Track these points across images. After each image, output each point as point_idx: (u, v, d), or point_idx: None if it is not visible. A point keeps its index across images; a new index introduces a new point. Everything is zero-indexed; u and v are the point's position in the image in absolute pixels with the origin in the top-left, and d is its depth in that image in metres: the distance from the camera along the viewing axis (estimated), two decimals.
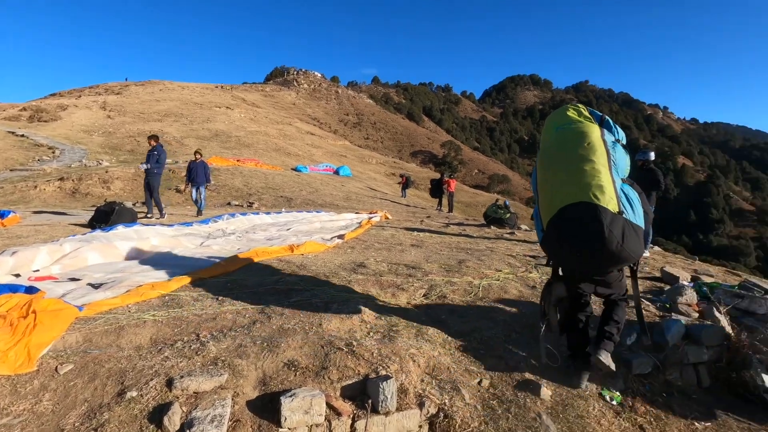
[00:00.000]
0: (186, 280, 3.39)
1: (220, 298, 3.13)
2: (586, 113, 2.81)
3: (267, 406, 2.03)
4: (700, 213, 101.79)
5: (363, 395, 2.23)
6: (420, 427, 2.19)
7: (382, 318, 3.02)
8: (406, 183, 23.48)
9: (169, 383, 2.03)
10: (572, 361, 2.69)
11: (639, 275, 3.06)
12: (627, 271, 2.77)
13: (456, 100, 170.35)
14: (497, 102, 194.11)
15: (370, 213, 10.75)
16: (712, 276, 5.01)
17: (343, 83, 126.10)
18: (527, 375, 2.62)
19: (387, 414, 2.13)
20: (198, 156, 10.22)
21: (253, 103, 65.40)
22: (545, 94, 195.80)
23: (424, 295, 3.57)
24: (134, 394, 1.95)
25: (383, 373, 2.32)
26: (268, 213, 9.06)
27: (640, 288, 3.93)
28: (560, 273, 2.70)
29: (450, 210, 17.98)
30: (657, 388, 2.70)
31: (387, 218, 10.37)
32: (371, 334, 2.76)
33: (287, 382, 2.17)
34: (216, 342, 2.40)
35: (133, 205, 12.00)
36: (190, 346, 2.34)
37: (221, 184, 16.68)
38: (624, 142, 2.77)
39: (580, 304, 2.72)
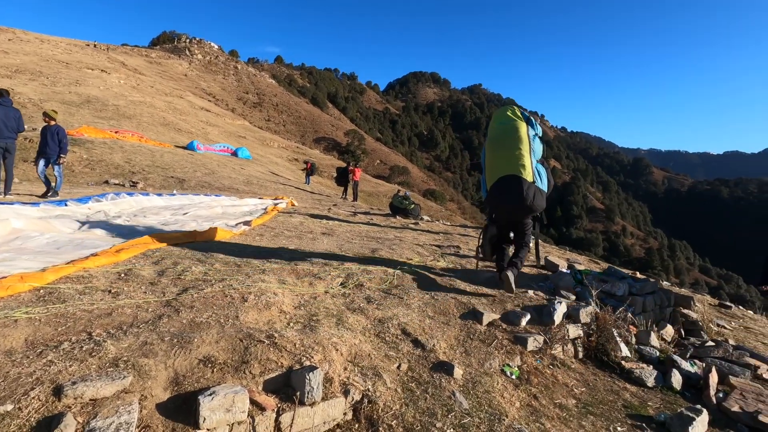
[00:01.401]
0: (66, 270, 2.89)
1: (113, 290, 2.74)
2: (519, 114, 3.96)
3: (181, 408, 1.86)
4: (564, 209, 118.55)
5: (287, 387, 2.17)
6: (345, 414, 2.21)
7: (302, 308, 2.96)
8: (310, 170, 23.05)
9: (58, 391, 1.72)
10: (498, 275, 3.97)
11: (526, 264, 4.59)
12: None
13: (361, 89, 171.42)
14: (400, 95, 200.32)
15: (276, 199, 10.34)
16: (581, 264, 5.90)
17: (242, 59, 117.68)
18: (441, 357, 2.80)
19: (312, 405, 2.11)
20: (47, 119, 7.82)
21: (135, 68, 57.60)
22: (444, 93, 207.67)
23: (341, 284, 3.57)
24: (9, 407, 1.62)
25: (307, 363, 2.28)
26: (159, 195, 8.14)
27: (529, 274, 4.48)
28: (493, 219, 4.05)
29: (354, 199, 18.18)
30: (546, 362, 3.11)
31: (293, 205, 10.09)
32: (292, 324, 2.68)
33: (204, 380, 2.01)
34: (115, 341, 2.11)
35: None
36: (82, 347, 2.02)
37: (96, 159, 14.51)
38: (540, 134, 3.97)
39: (505, 241, 4.02)
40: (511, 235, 4.06)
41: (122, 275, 3.06)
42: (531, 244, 4.21)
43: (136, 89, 41.05)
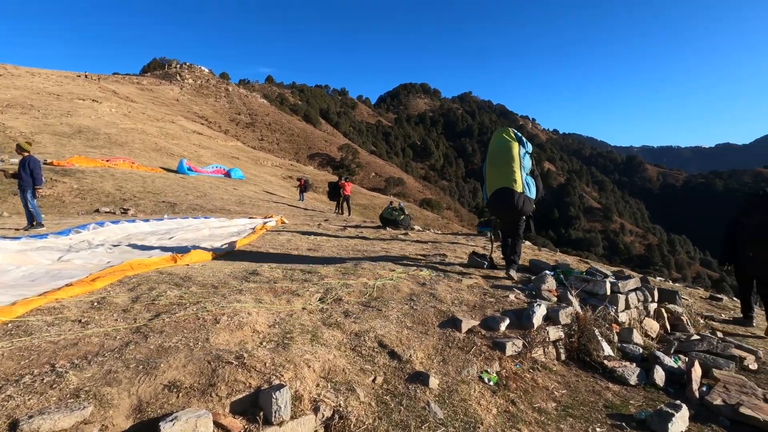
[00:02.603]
0: (38, 302, 2.87)
1: (83, 320, 2.72)
2: (513, 135, 4.79)
3: None
4: (561, 211, 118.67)
5: (254, 408, 2.15)
6: (315, 431, 2.19)
7: (276, 326, 2.94)
8: (304, 186, 23.12)
9: (13, 427, 1.70)
10: (504, 258, 5.03)
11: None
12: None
13: (352, 104, 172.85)
14: (392, 108, 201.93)
15: (265, 218, 10.35)
16: (568, 265, 5.89)
17: (233, 81, 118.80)
18: (418, 367, 2.79)
19: (281, 424, 2.08)
20: (20, 151, 7.80)
21: (126, 96, 58.08)
22: (435, 103, 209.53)
23: (319, 299, 3.56)
24: None
25: (276, 382, 2.27)
26: (146, 220, 8.13)
27: (517, 278, 4.51)
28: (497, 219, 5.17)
29: (348, 212, 18.20)
30: (526, 366, 3.09)
31: (283, 222, 10.09)
32: (264, 343, 2.66)
33: (168, 406, 1.99)
34: (77, 371, 2.09)
35: None
36: (43, 380, 2.00)
37: (87, 188, 14.52)
38: (530, 151, 4.85)
39: (506, 235, 4.94)
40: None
41: (95, 304, 3.05)
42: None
43: (128, 117, 41.33)
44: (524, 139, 4.79)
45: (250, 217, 10.36)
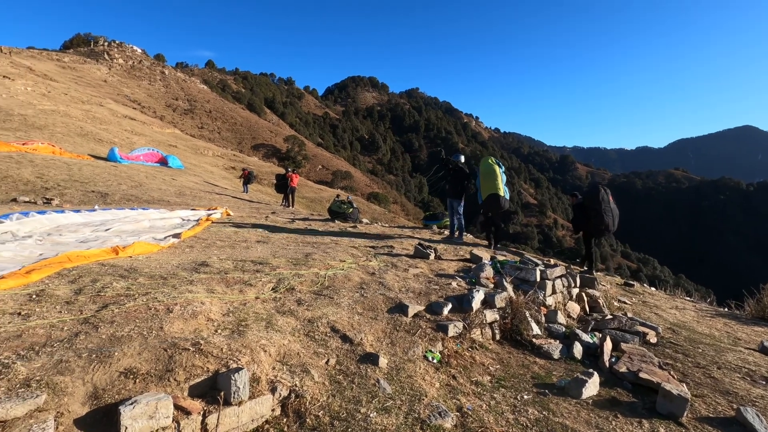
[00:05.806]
0: None
1: (23, 312, 2.62)
2: (494, 161, 7.40)
3: (102, 420, 1.88)
4: None
5: (213, 390, 2.24)
6: (273, 410, 2.32)
7: (230, 315, 3.01)
8: (248, 177, 22.44)
9: None
10: (487, 239, 7.90)
11: (455, 258, 5.74)
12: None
13: (299, 94, 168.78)
14: (339, 100, 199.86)
15: (209, 209, 10.03)
16: (504, 256, 6.39)
17: (170, 63, 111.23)
18: (368, 349, 2.99)
19: (240, 404, 2.20)
20: None
21: (44, 74, 52.52)
22: (383, 97, 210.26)
23: (272, 289, 3.65)
24: None
25: (234, 366, 2.36)
26: (77, 211, 7.60)
27: (456, 267, 4.81)
28: (484, 213, 7.59)
29: (291, 205, 18.02)
30: (465, 345, 3.41)
31: (228, 215, 9.85)
32: (219, 331, 2.73)
33: (126, 391, 2.03)
34: (25, 362, 2.06)
35: None
36: None
37: (0, 175, 13.11)
38: (504, 170, 7.38)
39: (491, 223, 7.71)
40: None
41: (33, 296, 2.92)
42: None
43: (47, 97, 37.47)
44: (500, 163, 7.47)
45: (192, 209, 9.98)
